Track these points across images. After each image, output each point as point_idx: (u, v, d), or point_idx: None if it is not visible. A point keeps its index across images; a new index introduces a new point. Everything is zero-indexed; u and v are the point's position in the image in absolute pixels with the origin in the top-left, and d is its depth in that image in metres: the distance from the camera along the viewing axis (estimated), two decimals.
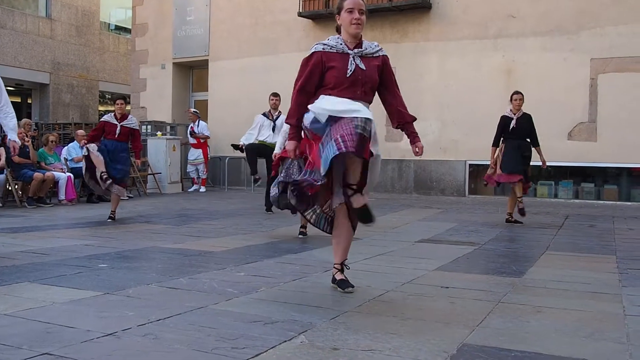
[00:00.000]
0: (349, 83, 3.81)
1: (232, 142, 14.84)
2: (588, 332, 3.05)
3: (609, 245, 6.31)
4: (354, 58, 3.85)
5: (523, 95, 8.23)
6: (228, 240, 6.39)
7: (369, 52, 3.92)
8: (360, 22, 3.84)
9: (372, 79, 3.88)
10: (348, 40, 3.89)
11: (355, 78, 3.81)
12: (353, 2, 3.85)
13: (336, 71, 3.81)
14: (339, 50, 3.85)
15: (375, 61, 3.92)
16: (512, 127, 8.07)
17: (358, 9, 3.83)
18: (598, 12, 11.37)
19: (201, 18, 15.65)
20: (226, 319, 3.22)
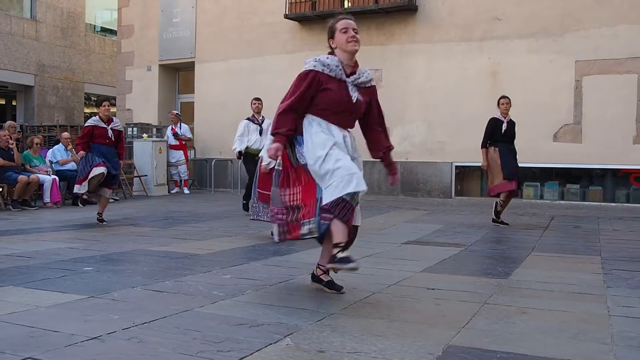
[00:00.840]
0: (340, 110, 3.81)
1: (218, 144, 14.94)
2: (573, 332, 3.07)
3: (593, 246, 6.35)
4: (351, 88, 3.83)
5: (510, 99, 8.27)
6: (214, 243, 6.37)
7: (362, 81, 3.89)
8: (357, 39, 3.81)
9: (360, 111, 3.90)
10: (345, 63, 3.85)
11: (347, 107, 3.82)
12: (345, 22, 3.83)
13: (331, 95, 3.77)
14: (337, 75, 3.80)
15: (366, 92, 3.92)
16: (504, 130, 8.10)
17: (352, 27, 3.81)
18: (582, 15, 11.47)
19: (187, 20, 15.60)
20: (212, 322, 3.20)
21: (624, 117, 11.14)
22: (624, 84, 11.17)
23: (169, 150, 13.98)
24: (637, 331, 3.10)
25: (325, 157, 3.68)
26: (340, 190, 3.59)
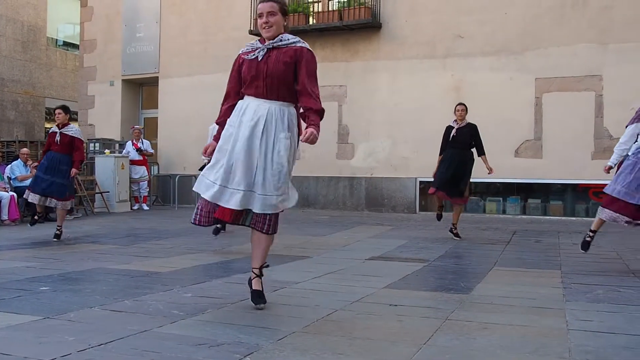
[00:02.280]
0: (251, 78, 3.81)
1: (182, 160, 14.80)
2: (533, 347, 3.08)
3: (554, 260, 6.44)
4: (261, 50, 3.83)
5: (466, 106, 8.43)
6: (176, 260, 6.28)
7: (281, 44, 3.82)
8: (270, 23, 3.80)
9: (277, 73, 3.75)
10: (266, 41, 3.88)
11: (258, 71, 3.78)
12: (261, 6, 3.85)
13: (245, 66, 3.85)
14: (254, 47, 3.89)
15: (286, 54, 3.79)
16: (452, 136, 8.25)
17: (266, 12, 3.81)
18: (542, 34, 11.73)
19: (151, 35, 15.48)
20: (170, 342, 3.14)
21: (583, 133, 11.38)
22: (583, 101, 11.43)
23: (132, 166, 13.78)
24: (594, 345, 3.13)
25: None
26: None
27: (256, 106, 3.79)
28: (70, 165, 8.09)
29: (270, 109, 3.78)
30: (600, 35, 11.33)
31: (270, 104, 3.79)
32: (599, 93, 11.36)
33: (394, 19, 12.91)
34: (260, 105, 3.79)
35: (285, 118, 3.81)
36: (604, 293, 4.61)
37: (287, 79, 3.79)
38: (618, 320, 3.74)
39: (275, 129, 3.76)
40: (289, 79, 3.80)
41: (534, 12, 11.81)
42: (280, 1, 3.88)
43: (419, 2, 12.69)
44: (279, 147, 3.75)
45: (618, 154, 5.95)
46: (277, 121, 3.77)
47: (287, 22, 3.92)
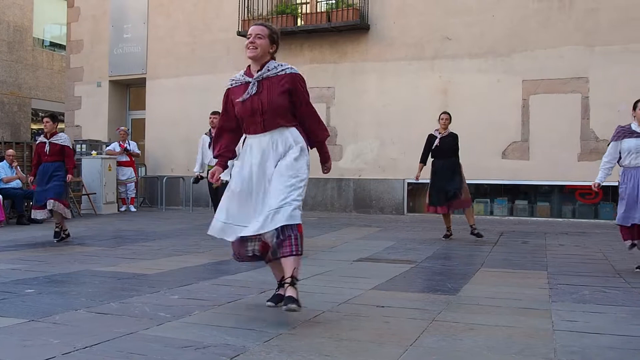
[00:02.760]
0: (248, 115, 3.77)
1: (170, 161, 14.75)
2: (518, 348, 3.10)
3: (540, 261, 6.48)
4: (252, 85, 3.77)
5: (450, 115, 8.53)
6: (163, 262, 6.25)
7: (270, 74, 3.77)
8: (255, 45, 3.77)
9: (272, 104, 3.72)
10: (252, 68, 3.85)
11: (253, 110, 3.74)
12: (252, 28, 3.86)
13: (237, 105, 3.81)
14: (242, 82, 3.84)
15: (279, 83, 3.76)
16: (435, 146, 8.34)
17: (255, 33, 3.81)
18: (528, 36, 11.79)
19: (139, 36, 15.41)
20: (157, 344, 3.12)
21: (569, 135, 11.45)
22: (569, 103, 11.50)
23: (119, 167, 13.70)
24: (580, 345, 3.15)
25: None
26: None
27: (259, 142, 3.78)
28: (63, 170, 8.06)
29: (271, 139, 3.76)
30: (586, 37, 11.41)
31: (270, 134, 3.76)
32: (585, 95, 11.44)
33: (382, 20, 12.93)
34: (262, 140, 3.77)
35: (290, 139, 3.77)
36: (589, 294, 4.64)
37: (283, 108, 3.76)
38: (603, 320, 3.77)
39: (283, 152, 3.75)
40: (287, 107, 3.77)
41: (521, 14, 11.88)
42: (272, 28, 3.89)
43: (407, 3, 12.73)
44: (287, 159, 3.71)
45: (603, 172, 6.03)
46: (281, 146, 3.76)
47: (275, 51, 3.88)
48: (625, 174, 5.83)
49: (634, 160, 5.74)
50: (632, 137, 5.76)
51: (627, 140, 5.78)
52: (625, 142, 5.79)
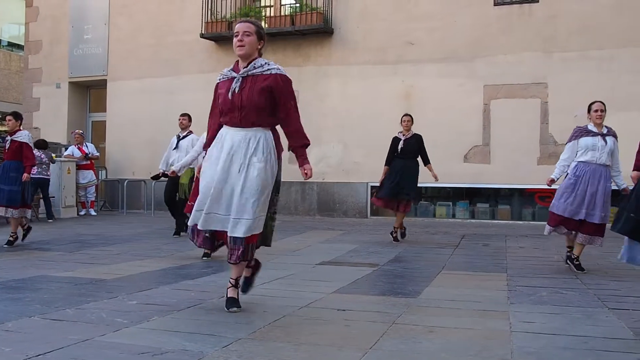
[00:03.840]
0: (227, 108, 3.89)
1: (131, 164, 14.54)
2: (476, 350, 3.13)
3: (500, 263, 6.56)
4: (237, 81, 3.91)
5: (411, 116, 8.69)
6: (123, 267, 6.14)
7: (256, 72, 3.90)
8: (243, 43, 3.88)
9: (251, 102, 3.83)
10: (240, 64, 3.98)
11: (232, 104, 3.86)
12: (238, 26, 3.95)
13: (221, 97, 3.94)
14: (228, 77, 3.98)
15: (262, 82, 3.87)
16: (400, 148, 8.47)
17: (242, 31, 3.90)
18: (489, 42, 11.97)
19: (99, 37, 15.16)
20: (112, 351, 3.06)
21: (529, 139, 11.66)
22: (529, 108, 11.71)
23: (79, 171, 13.43)
24: (536, 346, 3.20)
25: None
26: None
27: (232, 135, 3.89)
28: (19, 172, 7.85)
29: (244, 136, 3.87)
30: (545, 44, 11.64)
31: (245, 131, 3.87)
32: (544, 100, 11.66)
33: (345, 24, 12.98)
34: (235, 134, 3.88)
35: (260, 143, 3.87)
36: (547, 295, 4.72)
37: (261, 107, 3.86)
38: (560, 321, 3.83)
39: (249, 155, 3.84)
40: (264, 107, 3.87)
41: (483, 20, 12.05)
42: (258, 24, 3.99)
43: (370, 8, 12.80)
44: (252, 172, 3.82)
45: (560, 169, 6.33)
46: (252, 146, 3.85)
47: (262, 46, 3.99)
48: (578, 168, 6.08)
49: (590, 157, 6.03)
50: (589, 136, 6.09)
51: (584, 138, 6.10)
52: (582, 140, 6.10)
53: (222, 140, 3.93)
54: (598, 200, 5.89)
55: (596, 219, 5.90)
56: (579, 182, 5.99)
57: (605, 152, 5.99)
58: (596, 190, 5.92)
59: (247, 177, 3.82)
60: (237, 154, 3.85)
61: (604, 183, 5.95)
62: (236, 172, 3.84)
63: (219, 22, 13.55)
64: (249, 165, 3.83)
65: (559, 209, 6.07)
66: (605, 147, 6.00)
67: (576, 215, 5.95)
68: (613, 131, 6.15)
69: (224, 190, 3.86)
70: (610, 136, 6.09)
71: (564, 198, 6.04)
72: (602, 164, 6.01)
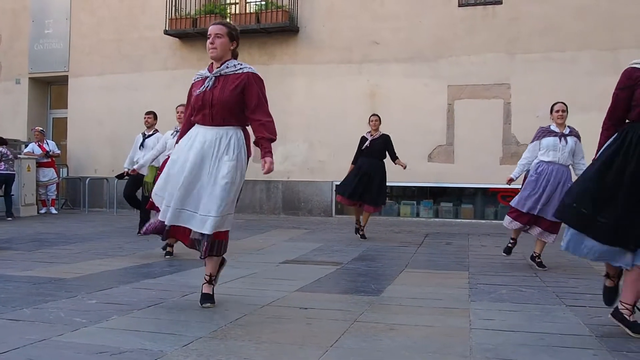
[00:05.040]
0: (199, 106, 3.98)
1: (93, 162, 14.30)
2: (436, 347, 3.16)
3: (463, 261, 6.64)
4: (209, 80, 3.99)
5: (379, 116, 8.76)
6: (83, 266, 6.03)
7: (228, 71, 3.99)
8: (215, 45, 3.97)
9: (221, 101, 3.91)
10: (214, 65, 4.07)
11: (204, 102, 3.94)
12: (211, 28, 4.03)
13: (194, 96, 4.04)
14: (202, 76, 4.07)
15: (234, 80, 3.95)
16: (365, 147, 8.56)
17: (214, 33, 3.99)
18: (454, 42, 12.10)
19: (61, 32, 14.87)
20: (69, 351, 3.01)
21: (492, 139, 11.82)
22: (492, 108, 11.87)
23: (39, 168, 13.15)
24: (494, 343, 3.24)
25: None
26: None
27: (203, 133, 3.97)
28: None
29: (216, 134, 3.95)
30: (508, 45, 11.81)
31: (216, 129, 3.96)
32: (507, 101, 11.83)
33: (311, 23, 12.98)
34: (207, 132, 3.96)
35: (231, 142, 3.95)
36: (507, 293, 4.79)
37: (232, 105, 3.94)
38: (518, 318, 3.89)
39: (220, 153, 3.92)
40: (235, 105, 3.95)
41: (447, 21, 12.17)
42: (230, 26, 4.10)
43: (336, 7, 12.82)
44: (222, 170, 3.88)
45: (520, 168, 6.54)
46: (222, 145, 3.93)
47: (235, 48, 4.07)
48: (540, 166, 6.25)
49: (552, 157, 6.20)
50: (551, 136, 6.26)
51: (547, 138, 6.27)
52: (544, 140, 6.28)
53: (194, 138, 3.99)
54: (555, 199, 6.01)
55: (550, 215, 6.03)
56: (540, 179, 6.16)
57: (566, 152, 6.15)
58: (555, 190, 6.07)
59: (217, 174, 3.88)
60: (208, 152, 3.91)
61: (564, 183, 6.10)
62: (207, 169, 3.90)
63: (183, 18, 13.41)
64: (220, 163, 3.90)
65: (519, 203, 6.26)
66: (566, 146, 6.16)
67: (533, 210, 6.14)
68: (576, 131, 6.30)
69: (193, 187, 3.90)
70: (572, 136, 6.24)
71: (526, 193, 6.21)
72: (564, 164, 6.17)
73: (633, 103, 3.56)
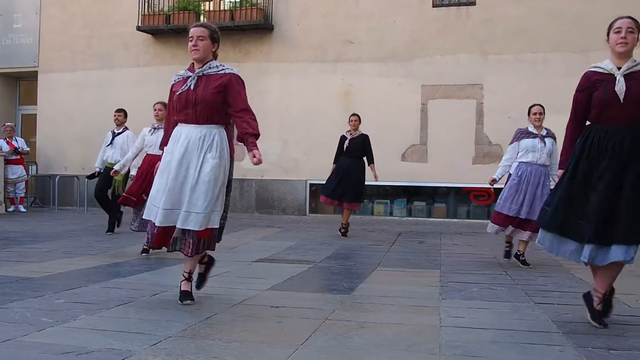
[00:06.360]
0: (182, 106, 4.03)
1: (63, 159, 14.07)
2: (406, 344, 3.17)
3: (434, 260, 6.68)
4: (192, 79, 4.04)
5: (359, 116, 8.83)
6: (51, 265, 5.93)
7: (210, 71, 4.05)
8: (198, 47, 4.03)
9: (204, 99, 3.98)
10: (195, 66, 4.12)
11: (187, 101, 4.00)
12: (192, 30, 4.09)
13: (176, 95, 4.07)
14: (184, 76, 4.11)
15: (215, 81, 4.02)
16: (345, 147, 8.67)
17: (196, 36, 4.04)
18: (427, 42, 12.17)
19: (30, 26, 14.60)
20: (34, 351, 2.95)
21: (465, 139, 11.92)
22: (465, 108, 11.97)
23: (7, 165, 12.90)
24: (464, 340, 3.26)
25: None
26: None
27: (187, 132, 4.02)
28: None
29: (199, 133, 4.00)
30: (481, 46, 11.91)
31: (199, 128, 4.02)
32: (480, 101, 11.94)
33: (286, 21, 12.95)
34: (190, 131, 4.02)
35: (214, 140, 4.02)
36: (477, 291, 4.83)
37: (215, 104, 4.01)
38: (487, 316, 3.92)
39: (204, 151, 3.98)
40: (217, 104, 4.02)
41: (421, 21, 12.23)
42: (212, 28, 4.15)
43: (311, 5, 12.81)
44: (205, 168, 3.96)
45: (502, 169, 6.65)
46: (205, 144, 3.99)
47: (216, 49, 4.15)
48: (520, 168, 6.37)
49: (530, 158, 6.33)
50: (529, 138, 6.39)
51: (525, 140, 6.41)
52: (523, 141, 6.41)
53: (178, 138, 4.05)
54: (538, 200, 6.14)
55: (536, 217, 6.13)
56: (522, 182, 6.28)
57: (544, 153, 6.30)
58: (536, 191, 6.21)
59: (200, 172, 3.95)
60: (192, 151, 3.98)
61: (544, 182, 6.25)
62: (191, 167, 3.97)
63: (156, 15, 13.26)
64: (204, 161, 3.97)
65: (503, 208, 6.33)
66: (544, 148, 6.30)
67: (519, 214, 6.22)
68: (552, 133, 6.44)
69: (179, 186, 3.97)
70: (549, 137, 6.38)
71: (509, 198, 6.30)
72: (542, 164, 6.30)
73: (592, 104, 3.74)
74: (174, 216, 3.96)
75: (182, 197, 3.96)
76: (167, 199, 3.96)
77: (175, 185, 3.97)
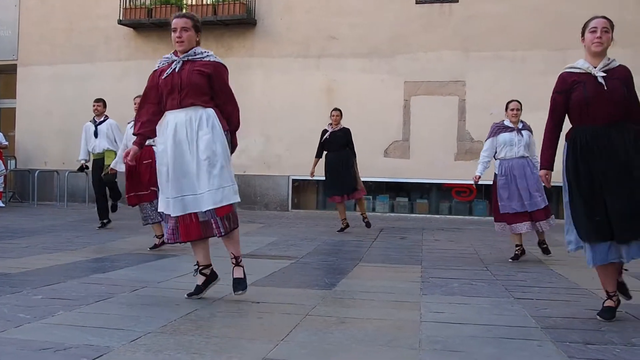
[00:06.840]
0: (168, 90, 4.02)
1: (43, 154, 13.91)
2: (386, 340, 3.17)
3: (416, 256, 6.70)
4: (177, 62, 4.03)
5: (341, 111, 8.91)
6: (30, 260, 5.86)
7: (196, 57, 4.04)
8: (182, 39, 4.01)
9: (190, 82, 3.97)
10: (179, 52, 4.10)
11: (172, 85, 3.99)
12: (175, 21, 4.09)
13: (162, 80, 4.05)
14: (169, 59, 4.09)
15: (201, 65, 4.01)
16: (325, 139, 8.79)
17: (180, 27, 4.03)
18: (410, 39, 12.19)
19: (9, 19, 14.39)
20: (11, 347, 2.92)
21: (447, 135, 11.97)
22: (447, 105, 12.02)
23: None
24: (443, 335, 3.28)
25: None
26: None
27: (174, 118, 4.00)
28: None
29: (186, 115, 3.98)
30: (463, 43, 11.96)
31: (185, 111, 3.99)
32: (462, 98, 12.00)
33: (269, 16, 12.90)
34: (177, 115, 4.00)
35: (202, 118, 3.99)
36: (458, 286, 4.85)
37: (200, 87, 3.99)
38: (468, 311, 3.94)
39: (195, 131, 3.97)
40: (202, 87, 4.00)
41: (405, 17, 12.25)
42: (195, 18, 4.15)
43: (294, 1, 12.76)
44: (201, 146, 3.95)
45: (482, 166, 6.67)
46: (195, 123, 3.97)
47: (200, 38, 4.15)
48: (502, 165, 6.45)
49: (509, 153, 6.41)
50: (506, 132, 6.47)
51: (502, 135, 6.47)
52: (500, 136, 6.48)
53: (167, 125, 4.04)
54: (532, 190, 6.26)
55: (541, 205, 6.28)
56: (509, 179, 6.35)
57: (522, 145, 6.38)
58: (526, 183, 6.29)
59: (197, 152, 3.95)
60: (183, 134, 3.97)
61: (530, 172, 6.31)
62: (186, 151, 3.97)
63: (138, 8, 13.15)
64: (198, 140, 3.96)
65: (505, 208, 6.35)
66: (522, 140, 6.39)
67: (522, 208, 6.29)
68: (528, 125, 6.53)
69: (182, 172, 3.97)
70: (526, 130, 6.47)
71: (505, 197, 6.35)
72: (521, 157, 6.37)
73: (570, 106, 3.78)
74: (186, 203, 3.97)
75: (187, 182, 3.96)
76: (174, 188, 3.97)
77: (176, 173, 3.97)
